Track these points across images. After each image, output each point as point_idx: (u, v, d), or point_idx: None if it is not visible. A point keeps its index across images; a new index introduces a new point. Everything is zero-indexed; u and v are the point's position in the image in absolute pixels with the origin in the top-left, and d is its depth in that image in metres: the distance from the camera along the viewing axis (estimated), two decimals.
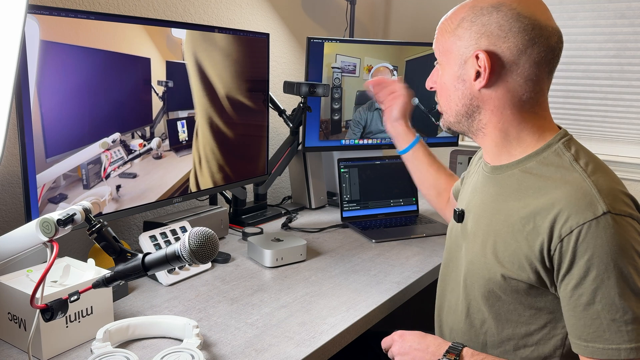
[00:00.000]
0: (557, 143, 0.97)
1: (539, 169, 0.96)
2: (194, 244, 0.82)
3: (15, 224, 1.25)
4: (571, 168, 0.92)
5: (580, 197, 0.87)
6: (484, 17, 0.94)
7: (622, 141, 2.19)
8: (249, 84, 1.67)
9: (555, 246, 0.88)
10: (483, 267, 0.99)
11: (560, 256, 0.88)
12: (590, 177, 0.90)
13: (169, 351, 0.96)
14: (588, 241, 0.85)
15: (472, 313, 1.04)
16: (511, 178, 0.99)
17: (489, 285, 0.98)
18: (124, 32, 1.26)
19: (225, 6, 1.90)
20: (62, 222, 0.82)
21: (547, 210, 0.89)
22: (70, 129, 1.18)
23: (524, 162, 0.98)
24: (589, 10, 2.16)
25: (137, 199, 1.35)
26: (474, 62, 0.95)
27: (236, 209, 1.84)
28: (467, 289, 1.04)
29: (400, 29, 2.65)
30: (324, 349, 1.07)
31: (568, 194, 0.88)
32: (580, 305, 0.87)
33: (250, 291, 1.29)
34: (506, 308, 0.98)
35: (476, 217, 1.05)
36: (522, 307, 0.96)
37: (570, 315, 0.89)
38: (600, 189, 0.88)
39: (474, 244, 1.03)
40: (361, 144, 2.02)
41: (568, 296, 0.88)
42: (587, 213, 0.85)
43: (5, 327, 1.02)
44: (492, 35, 0.93)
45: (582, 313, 0.87)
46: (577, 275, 0.86)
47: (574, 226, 0.86)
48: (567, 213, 0.87)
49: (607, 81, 2.16)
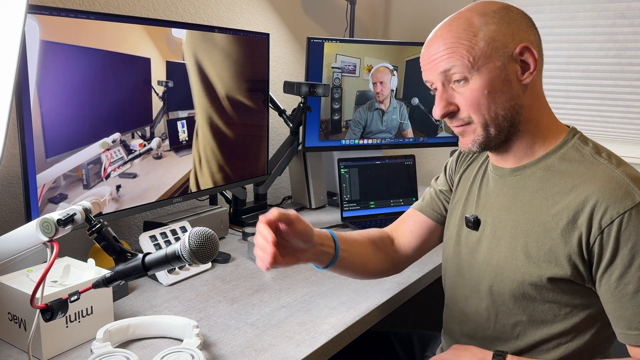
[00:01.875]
0: (572, 139, 0.98)
1: (561, 165, 0.96)
2: (194, 244, 0.82)
3: (15, 224, 1.24)
4: (595, 161, 0.94)
5: (616, 187, 0.88)
6: (506, 16, 0.94)
7: (622, 141, 2.19)
8: (249, 84, 1.67)
9: (595, 238, 0.88)
10: (515, 270, 0.98)
11: (601, 247, 0.88)
12: (618, 167, 0.91)
13: (169, 351, 0.96)
14: (630, 229, 0.86)
15: (501, 319, 1.02)
16: (532, 177, 0.99)
17: (522, 287, 0.97)
18: (124, 32, 1.26)
19: (225, 6, 1.90)
20: (62, 222, 0.82)
21: (581, 204, 0.90)
22: (70, 129, 1.18)
23: (544, 160, 0.98)
24: (589, 10, 2.16)
25: (137, 199, 1.35)
26: (517, 58, 0.94)
27: (236, 209, 1.84)
28: (494, 295, 1.02)
29: (400, 29, 2.65)
30: (324, 349, 1.07)
31: (602, 186, 0.89)
32: (628, 294, 0.87)
33: (250, 291, 1.29)
34: (541, 308, 0.97)
35: (497, 221, 1.03)
36: (558, 306, 0.96)
37: (616, 307, 0.89)
38: (633, 178, 0.89)
39: (499, 248, 1.01)
40: (361, 144, 2.02)
41: (613, 287, 0.89)
42: (626, 202, 0.87)
43: (5, 327, 1.02)
44: (521, 29, 0.95)
45: (630, 302, 0.87)
46: (621, 265, 0.87)
47: (614, 216, 0.87)
48: (605, 204, 0.88)
49: (607, 81, 2.16)
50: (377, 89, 1.99)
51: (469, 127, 0.97)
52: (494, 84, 0.93)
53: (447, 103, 0.97)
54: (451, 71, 0.95)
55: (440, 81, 0.97)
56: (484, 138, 0.97)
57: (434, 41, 0.98)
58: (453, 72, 0.95)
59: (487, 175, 1.09)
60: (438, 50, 0.96)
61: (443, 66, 0.95)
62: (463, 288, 1.10)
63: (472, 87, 0.94)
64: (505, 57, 0.93)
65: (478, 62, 0.93)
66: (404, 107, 2.05)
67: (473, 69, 0.93)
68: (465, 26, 0.94)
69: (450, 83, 0.96)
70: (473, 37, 0.93)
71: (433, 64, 0.97)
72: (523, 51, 0.94)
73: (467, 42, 0.93)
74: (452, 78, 0.96)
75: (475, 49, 0.93)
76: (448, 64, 0.95)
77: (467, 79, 0.94)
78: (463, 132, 0.99)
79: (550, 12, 2.21)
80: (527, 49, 0.94)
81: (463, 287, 1.10)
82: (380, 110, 2.02)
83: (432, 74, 0.98)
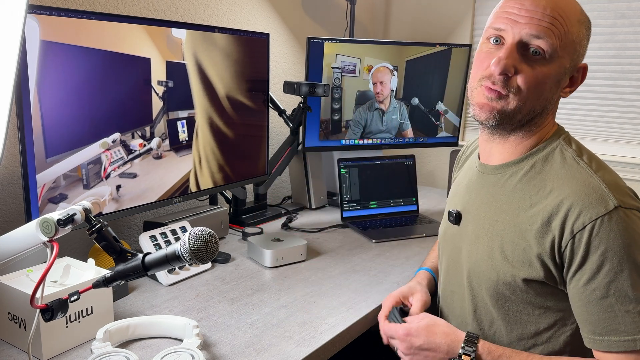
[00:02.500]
0: (557, 140, 0.98)
1: (542, 166, 0.96)
2: (194, 244, 0.82)
3: (15, 224, 1.25)
4: (575, 164, 0.93)
5: (590, 193, 0.88)
6: (590, 31, 0.97)
7: (622, 141, 2.19)
8: (249, 84, 1.67)
9: (566, 242, 0.89)
10: (491, 269, 0.99)
11: (572, 252, 0.88)
12: (597, 172, 0.91)
13: (169, 351, 0.96)
14: (601, 236, 0.86)
15: (479, 315, 1.04)
16: (513, 177, 0.99)
17: (497, 286, 0.98)
18: (124, 32, 1.26)
19: (225, 6, 1.90)
20: (62, 222, 0.82)
21: (556, 207, 0.90)
22: (70, 129, 1.18)
23: (527, 160, 0.98)
24: (589, 10, 2.13)
25: (137, 199, 1.35)
26: (573, 72, 0.96)
27: (236, 209, 1.84)
28: (474, 291, 1.04)
29: (400, 29, 2.65)
30: (324, 349, 1.07)
31: (577, 190, 0.89)
32: (594, 299, 0.87)
33: (250, 291, 1.29)
34: (515, 308, 0.98)
35: (477, 218, 1.05)
36: (531, 306, 0.96)
37: (582, 311, 0.89)
38: (608, 184, 0.89)
39: (477, 245, 1.03)
40: (361, 144, 2.02)
41: (580, 291, 0.89)
42: (599, 208, 0.87)
43: (5, 327, 1.02)
44: (586, 50, 0.98)
45: (596, 307, 0.87)
46: (589, 270, 0.87)
47: (586, 221, 0.87)
48: (579, 209, 0.88)
49: (607, 81, 2.16)
50: (377, 89, 1.99)
51: (507, 96, 0.92)
52: (553, 79, 0.93)
53: (513, 64, 0.90)
54: (542, 39, 0.89)
55: (519, 39, 0.90)
56: (509, 115, 0.93)
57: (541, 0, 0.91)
58: (542, 40, 0.89)
59: (473, 169, 1.10)
60: (543, 11, 0.89)
61: (539, 30, 0.89)
62: (450, 284, 1.13)
63: (541, 69, 0.91)
64: (572, 63, 0.94)
65: (560, 51, 0.91)
66: (404, 107, 2.05)
67: (555, 54, 0.91)
68: (573, 11, 0.93)
69: (526, 50, 0.91)
70: (572, 26, 0.92)
71: (529, 20, 0.89)
72: (580, 69, 0.96)
73: (568, 26, 0.91)
74: (534, 45, 0.90)
75: (567, 37, 0.91)
76: (545, 31, 0.89)
77: (545, 58, 0.90)
78: (498, 97, 0.92)
79: None
80: (584, 70, 0.97)
81: (450, 282, 1.13)
82: (380, 110, 2.02)
83: (517, 28, 0.90)
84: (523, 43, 0.91)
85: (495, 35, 0.94)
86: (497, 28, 0.93)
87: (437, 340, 0.99)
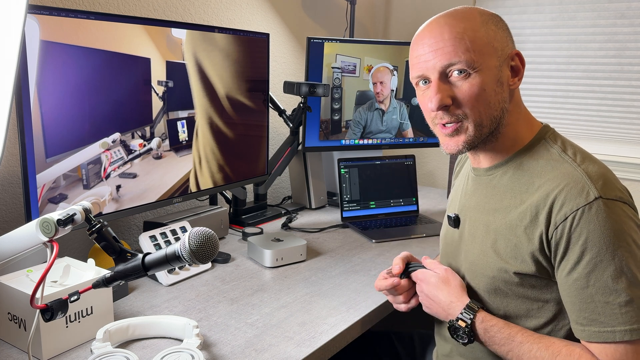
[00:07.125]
0: (543, 137, 1.00)
1: (530, 163, 0.98)
2: (194, 244, 0.82)
3: (15, 224, 1.25)
4: (560, 159, 0.96)
5: (573, 185, 0.90)
6: (500, 22, 0.98)
7: (622, 141, 2.19)
8: (249, 84, 1.67)
9: (552, 234, 0.90)
10: (485, 266, 1.01)
11: (557, 243, 0.90)
12: (580, 165, 0.93)
13: (169, 351, 0.96)
14: (582, 226, 0.87)
15: None
16: (504, 177, 1.02)
17: (494, 283, 0.99)
18: (124, 32, 1.26)
19: (225, 6, 1.90)
20: (62, 222, 0.82)
21: (542, 201, 0.92)
22: (70, 129, 1.18)
23: (515, 159, 1.01)
24: (589, 10, 2.16)
25: (137, 199, 1.35)
26: (509, 63, 0.97)
27: (236, 209, 1.84)
28: (472, 290, 1.05)
29: (400, 29, 2.65)
30: (324, 349, 1.07)
31: (561, 183, 0.91)
32: (576, 289, 0.89)
33: (250, 291, 1.29)
34: (514, 304, 0.99)
35: (473, 219, 1.07)
36: (530, 301, 0.98)
37: (567, 301, 0.91)
38: (591, 176, 0.90)
39: (473, 245, 1.05)
40: (361, 144, 2.02)
41: (564, 282, 0.91)
42: (580, 199, 0.88)
43: (5, 327, 1.02)
44: (510, 38, 0.99)
45: (577, 297, 0.89)
46: (572, 260, 0.89)
47: (567, 212, 0.88)
48: (562, 200, 0.90)
49: (607, 81, 2.16)
50: (377, 89, 1.99)
51: (461, 125, 0.96)
52: (491, 83, 0.95)
53: (446, 95, 0.94)
54: (455, 63, 0.93)
55: (438, 72, 0.94)
56: (474, 137, 0.96)
57: (436, 32, 0.95)
58: (456, 63, 0.93)
59: (467, 175, 1.13)
60: (442, 39, 0.94)
61: (447, 57, 0.93)
62: None
63: (472, 82, 0.93)
64: (501, 59, 0.96)
65: (479, 59, 0.93)
66: (404, 107, 2.05)
67: (475, 64, 0.93)
68: (469, 20, 0.95)
69: (448, 76, 0.95)
70: (477, 32, 0.94)
71: (435, 54, 0.94)
72: (514, 57, 0.98)
73: (472, 35, 0.93)
74: (453, 70, 0.94)
75: (478, 44, 0.93)
76: (453, 55, 0.93)
77: (469, 74, 0.93)
78: (454, 131, 0.97)
79: (550, 12, 2.21)
80: (518, 56, 0.98)
81: None
82: (380, 110, 2.02)
83: (430, 65, 0.95)
84: (444, 73, 0.95)
85: (417, 81, 1.00)
86: (418, 75, 0.99)
87: (441, 296, 1.03)
